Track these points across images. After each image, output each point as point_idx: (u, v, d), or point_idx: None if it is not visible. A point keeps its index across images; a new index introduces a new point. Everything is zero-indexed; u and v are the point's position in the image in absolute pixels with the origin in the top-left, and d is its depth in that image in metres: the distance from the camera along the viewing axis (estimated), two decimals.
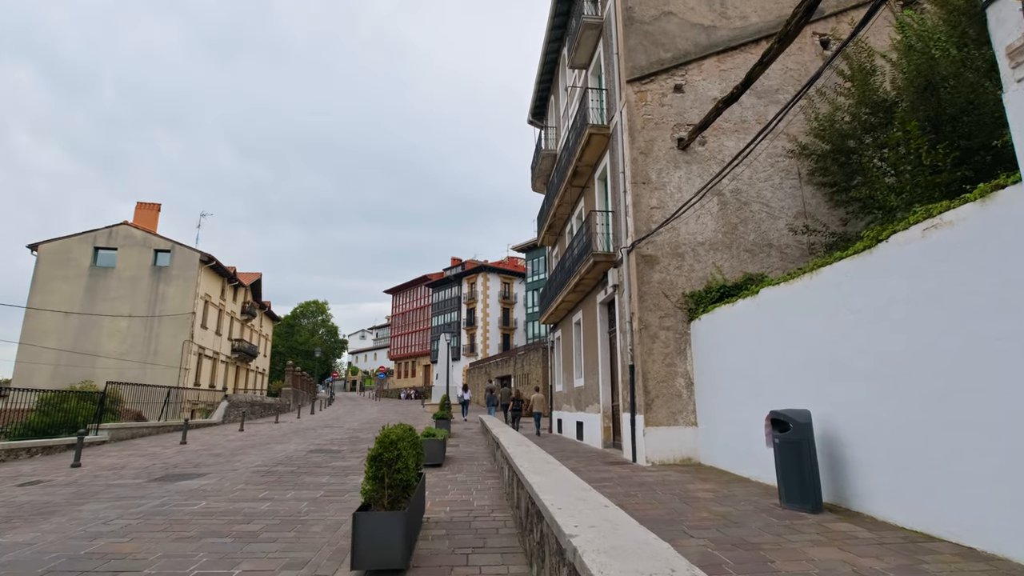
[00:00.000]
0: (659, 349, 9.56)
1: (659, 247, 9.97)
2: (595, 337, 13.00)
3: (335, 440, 14.48)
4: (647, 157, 10.35)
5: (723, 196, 10.29)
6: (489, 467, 9.50)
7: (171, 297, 29.91)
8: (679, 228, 10.07)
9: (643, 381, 9.38)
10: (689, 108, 10.69)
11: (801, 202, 10.41)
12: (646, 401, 9.30)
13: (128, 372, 28.22)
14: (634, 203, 10.13)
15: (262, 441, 14.40)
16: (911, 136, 6.18)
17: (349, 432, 17.25)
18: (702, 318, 9.20)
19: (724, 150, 10.54)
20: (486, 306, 52.65)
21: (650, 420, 9.22)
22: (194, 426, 18.54)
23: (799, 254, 10.17)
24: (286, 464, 9.97)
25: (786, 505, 5.72)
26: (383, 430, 4.86)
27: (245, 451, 12.13)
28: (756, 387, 7.48)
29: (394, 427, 5.21)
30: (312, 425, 20.57)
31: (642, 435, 9.21)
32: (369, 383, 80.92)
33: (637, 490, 6.93)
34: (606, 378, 12.28)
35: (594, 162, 13.13)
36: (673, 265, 9.93)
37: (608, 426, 12.10)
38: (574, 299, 14.77)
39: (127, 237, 30.12)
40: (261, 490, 7.49)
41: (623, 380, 10.54)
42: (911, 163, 6.32)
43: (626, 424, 10.13)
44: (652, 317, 9.68)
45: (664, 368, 9.49)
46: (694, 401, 9.39)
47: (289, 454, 11.48)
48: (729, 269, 9.94)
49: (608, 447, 11.97)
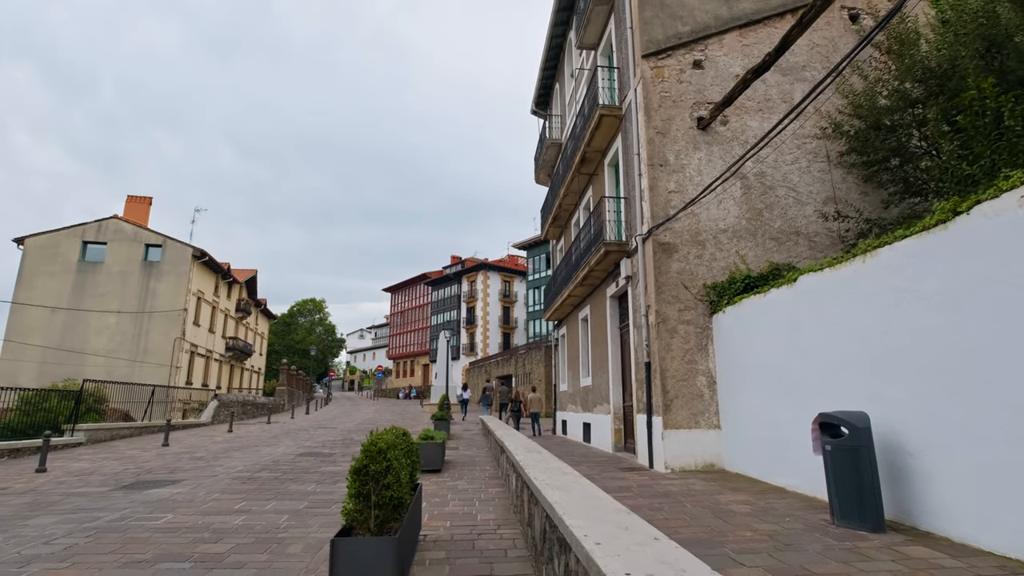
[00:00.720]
0: (678, 345, 8.76)
1: (678, 234, 9.18)
2: (604, 333, 12.20)
3: (327, 442, 13.67)
4: (664, 137, 9.56)
5: (747, 180, 9.50)
6: (492, 473, 8.71)
7: (162, 293, 29.07)
8: (699, 214, 9.28)
9: (661, 380, 8.59)
10: (709, 85, 9.89)
11: (830, 186, 9.62)
12: (664, 402, 8.50)
13: (117, 370, 27.38)
14: (650, 187, 9.33)
15: (250, 443, 13.59)
16: (987, 95, 5.39)
17: (343, 433, 16.45)
18: (726, 311, 8.41)
19: (747, 130, 9.76)
20: (486, 304, 51.84)
21: (669, 422, 8.42)
22: (180, 427, 17.72)
23: (828, 243, 9.38)
24: (271, 469, 9.16)
25: (840, 523, 4.93)
26: (371, 436, 4.06)
27: (229, 454, 11.31)
28: (792, 385, 6.69)
29: (384, 432, 4.41)
30: (305, 426, 19.76)
31: (660, 439, 8.41)
32: (368, 383, 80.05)
33: (662, 502, 6.13)
34: (616, 377, 11.49)
35: (604, 147, 12.34)
36: (693, 254, 9.14)
37: (619, 428, 11.30)
38: (581, 293, 13.97)
39: (117, 231, 29.27)
40: (238, 500, 6.68)
41: (637, 379, 9.75)
42: (986, 127, 5.52)
43: (641, 426, 9.34)
44: (670, 310, 8.88)
45: (684, 365, 8.69)
46: (716, 401, 8.60)
47: (276, 457, 10.67)
48: (753, 258, 9.15)
49: (619, 451, 11.17)
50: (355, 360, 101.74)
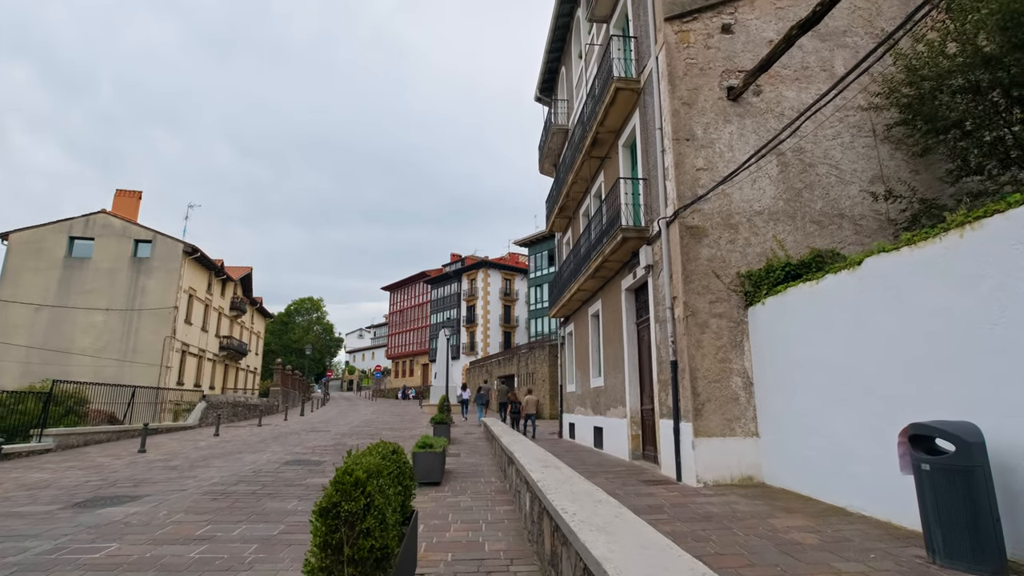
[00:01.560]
0: (710, 341, 7.74)
1: (708, 217, 8.15)
2: (619, 330, 11.18)
3: (318, 447, 12.64)
4: (691, 109, 8.53)
5: (784, 156, 8.47)
6: (499, 487, 7.68)
7: (152, 290, 28.03)
8: (731, 194, 8.26)
9: (690, 381, 7.56)
10: (740, 52, 8.87)
11: (876, 164, 8.60)
12: (695, 406, 7.47)
13: (105, 370, 26.36)
14: (676, 163, 8.31)
15: (234, 449, 12.56)
16: None
17: (336, 437, 15.42)
18: (766, 302, 7.38)
19: (783, 101, 8.74)
20: (486, 303, 50.80)
21: (700, 429, 7.40)
22: (164, 430, 16.70)
23: (876, 226, 8.36)
24: (250, 481, 8.14)
25: (945, 563, 3.91)
26: (347, 459, 3.04)
27: (209, 462, 10.29)
28: (854, 388, 5.67)
29: (367, 451, 3.40)
30: (298, 428, 18.73)
31: (690, 448, 7.39)
32: (367, 382, 79.03)
33: (707, 529, 5.11)
34: (633, 377, 10.47)
35: (618, 126, 11.31)
36: (725, 238, 8.11)
37: (636, 434, 10.27)
38: (592, 287, 12.95)
39: (105, 226, 28.22)
40: (202, 523, 5.66)
41: (660, 380, 8.73)
42: None
43: (665, 433, 8.32)
44: (700, 302, 7.86)
45: (716, 364, 7.67)
46: (754, 406, 7.58)
47: (259, 466, 9.64)
48: (792, 244, 8.13)
49: (637, 458, 10.15)
50: (354, 360, 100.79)
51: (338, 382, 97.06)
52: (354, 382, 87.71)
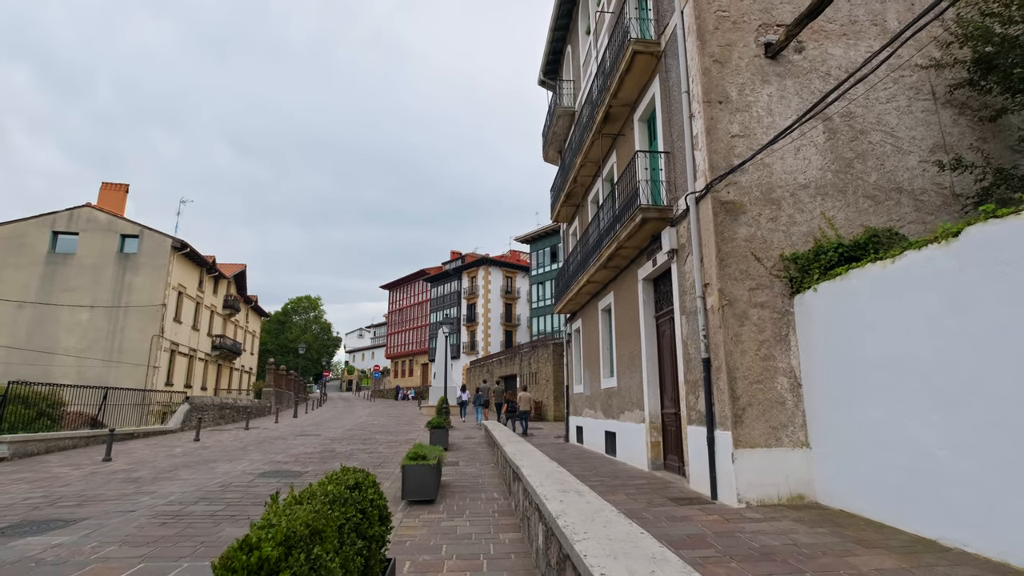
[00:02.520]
0: (750, 335, 6.60)
1: (745, 190, 7.01)
2: (635, 324, 10.04)
3: (302, 455, 11.51)
4: (723, 68, 7.39)
5: (831, 122, 7.33)
6: (503, 505, 6.55)
7: (139, 287, 26.90)
8: (772, 165, 7.12)
9: (728, 382, 6.42)
10: (778, 3, 7.73)
11: (938, 130, 7.45)
12: (734, 411, 6.33)
13: (90, 371, 25.26)
14: (707, 130, 7.17)
15: (210, 456, 11.44)
16: None
17: (325, 442, 14.29)
18: (819, 288, 6.24)
19: (829, 59, 7.60)
20: (487, 301, 49.66)
21: (741, 439, 6.26)
22: (140, 435, 15.58)
23: (940, 202, 7.22)
24: (214, 498, 7.01)
25: None
26: (267, 512, 1.91)
27: (176, 473, 9.16)
28: (949, 389, 4.53)
29: (311, 491, 2.29)
30: (287, 432, 17.61)
31: (729, 461, 6.24)
32: (366, 383, 77.92)
33: (768, 570, 3.97)
34: (652, 378, 9.33)
35: (634, 98, 10.17)
36: (765, 216, 6.98)
37: (657, 441, 9.14)
38: (603, 278, 11.81)
39: (90, 220, 27.10)
40: (135, 560, 4.53)
41: (687, 380, 7.59)
42: None
43: (695, 442, 7.18)
44: (739, 289, 6.72)
45: (758, 362, 6.53)
46: (803, 410, 6.44)
47: (231, 479, 8.52)
48: (843, 222, 7.00)
49: (658, 468, 9.01)
50: (354, 360, 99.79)
51: (337, 382, 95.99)
52: (353, 382, 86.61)
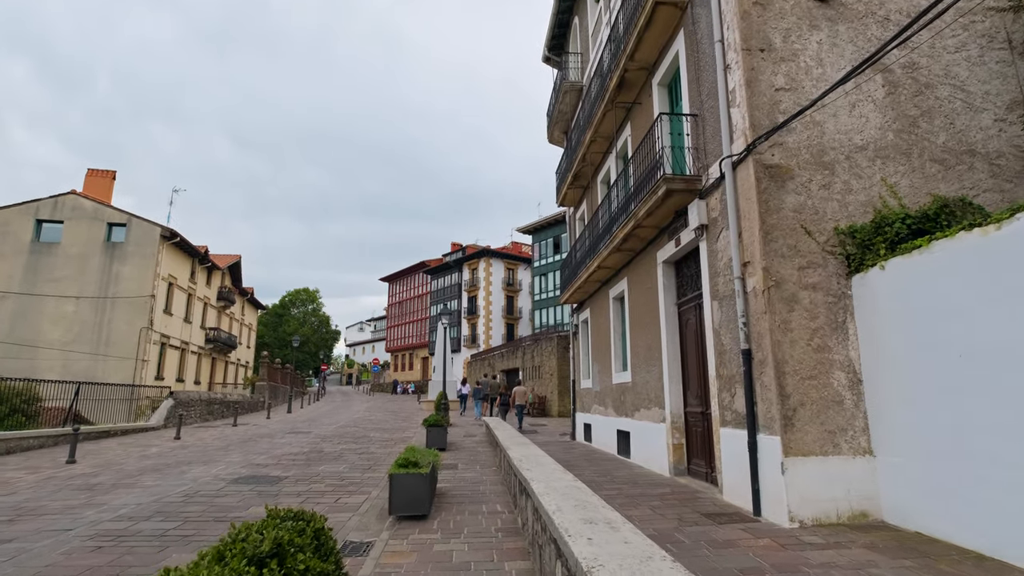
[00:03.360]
0: (800, 322, 5.58)
1: (793, 152, 5.97)
2: (653, 313, 9.03)
3: (287, 456, 10.53)
4: (766, 11, 6.33)
5: (891, 74, 6.27)
6: (508, 521, 5.56)
7: (127, 278, 25.90)
8: (824, 123, 6.08)
9: (775, 377, 5.41)
10: None
11: (1015, 84, 6.39)
12: (783, 411, 5.32)
13: (76, 365, 24.30)
14: (748, 82, 6.12)
15: (186, 457, 10.46)
16: None
17: (315, 441, 13.32)
18: (888, 265, 5.21)
19: (887, 2, 6.52)
20: (488, 294, 48.64)
21: (792, 445, 5.25)
22: (118, 432, 14.62)
23: (1021, 167, 6.17)
24: (171, 513, 6.03)
25: None
26: None
27: (140, 478, 8.18)
28: None
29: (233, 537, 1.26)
30: (277, 429, 16.65)
31: (778, 471, 5.24)
32: (366, 376, 77.06)
33: None
34: (674, 372, 8.32)
35: (653, 60, 9.11)
36: (817, 182, 5.94)
37: (680, 443, 8.13)
38: (616, 263, 10.78)
39: (75, 208, 26.06)
40: None
41: (719, 375, 6.58)
42: None
43: (731, 447, 6.18)
44: (787, 268, 5.69)
45: (811, 354, 5.51)
46: (864, 410, 5.43)
47: (199, 485, 7.54)
48: (908, 189, 5.96)
49: (680, 474, 8.02)
50: (354, 353, 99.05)
51: (337, 376, 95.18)
52: (353, 376, 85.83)
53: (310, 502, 6.55)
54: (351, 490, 7.33)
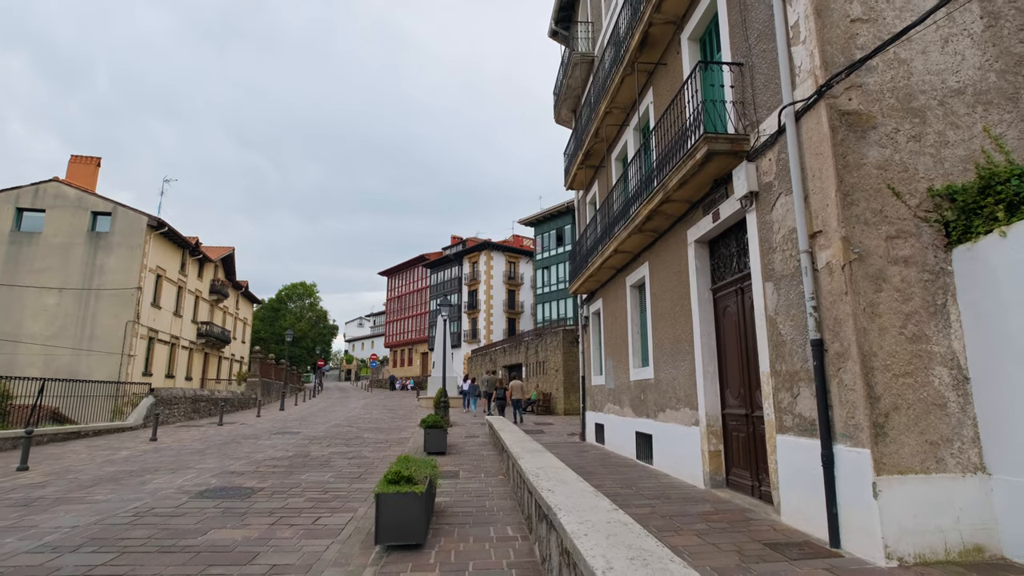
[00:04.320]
0: (890, 305, 4.45)
1: (874, 97, 4.83)
2: (682, 301, 7.91)
3: (268, 461, 9.43)
4: None
5: (991, 3, 5.13)
6: (522, 549, 4.44)
7: (112, 269, 24.76)
8: (911, 62, 4.93)
9: (862, 374, 4.29)
10: None
11: None
12: (872, 417, 4.20)
13: (58, 359, 23.25)
14: (817, 11, 4.97)
15: (154, 463, 9.36)
16: None
17: (302, 443, 12.22)
18: (1010, 232, 4.09)
19: None
20: (489, 287, 47.50)
21: (885, 459, 4.13)
22: (90, 433, 13.51)
23: None
24: (106, 541, 4.92)
25: None
26: None
27: (93, 490, 7.07)
28: None
29: None
30: (264, 429, 15.55)
31: (866, 493, 4.12)
32: (365, 372, 76.00)
33: None
34: (709, 367, 7.21)
35: (683, 12, 7.97)
36: (905, 133, 4.80)
37: (717, 450, 7.02)
38: (635, 246, 9.65)
39: (58, 196, 24.90)
40: None
41: (775, 371, 5.47)
42: None
43: (793, 457, 5.08)
44: (871, 238, 4.56)
45: (904, 345, 4.39)
46: (973, 416, 4.31)
47: (156, 501, 6.43)
48: (1015, 141, 4.83)
49: (718, 486, 6.91)
50: (354, 349, 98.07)
51: (336, 372, 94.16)
52: (352, 372, 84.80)
53: (282, 524, 5.45)
54: (334, 506, 6.23)
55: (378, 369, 62.29)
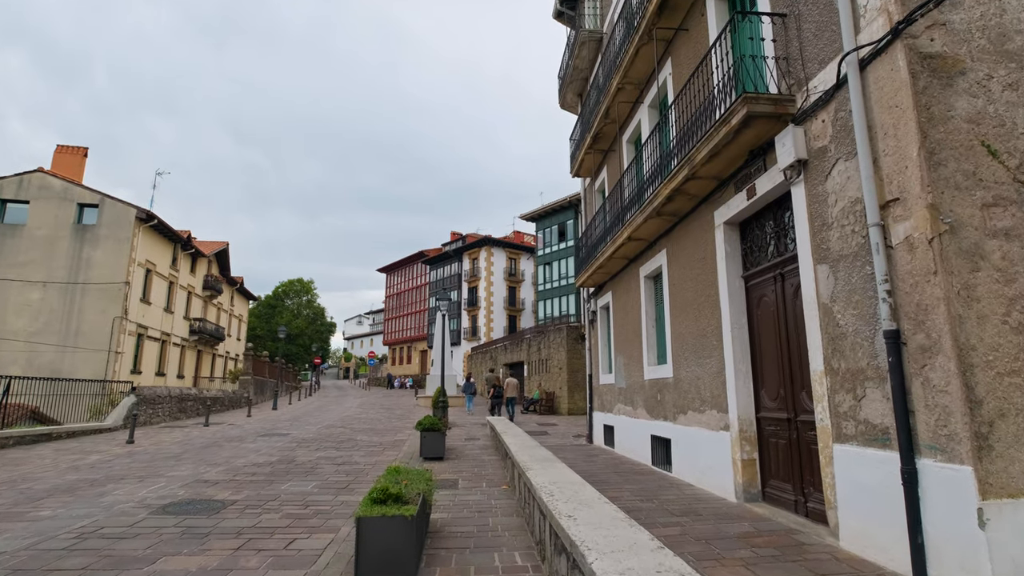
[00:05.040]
0: (990, 287, 3.62)
1: (961, 37, 3.99)
2: (710, 289, 7.08)
3: (248, 468, 8.60)
4: None
5: None
6: None
7: (99, 263, 23.90)
8: None
9: (958, 372, 3.46)
10: None
11: None
12: (974, 427, 3.37)
13: (41, 357, 22.40)
14: None
15: (120, 471, 8.52)
16: None
17: (289, 447, 11.38)
18: None
19: None
20: (490, 284, 46.65)
21: (992, 479, 3.30)
22: (63, 435, 12.67)
23: None
24: (31, 573, 4.07)
25: None
26: None
27: (42, 503, 6.23)
28: None
29: None
30: (252, 430, 14.72)
31: (971, 522, 3.29)
32: (363, 370, 75.18)
33: None
34: (741, 364, 6.37)
35: None
36: (999, 80, 3.96)
37: (751, 458, 6.19)
38: (652, 232, 8.81)
39: (42, 187, 24.02)
40: None
41: (831, 368, 4.63)
42: None
43: (857, 472, 4.24)
44: (964, 205, 3.73)
45: (1009, 337, 3.56)
46: None
47: (107, 518, 5.59)
48: None
49: (753, 500, 6.08)
50: (353, 347, 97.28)
51: (335, 370, 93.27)
52: (351, 370, 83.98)
53: (249, 548, 4.61)
54: (314, 525, 5.40)
55: (376, 367, 61.46)
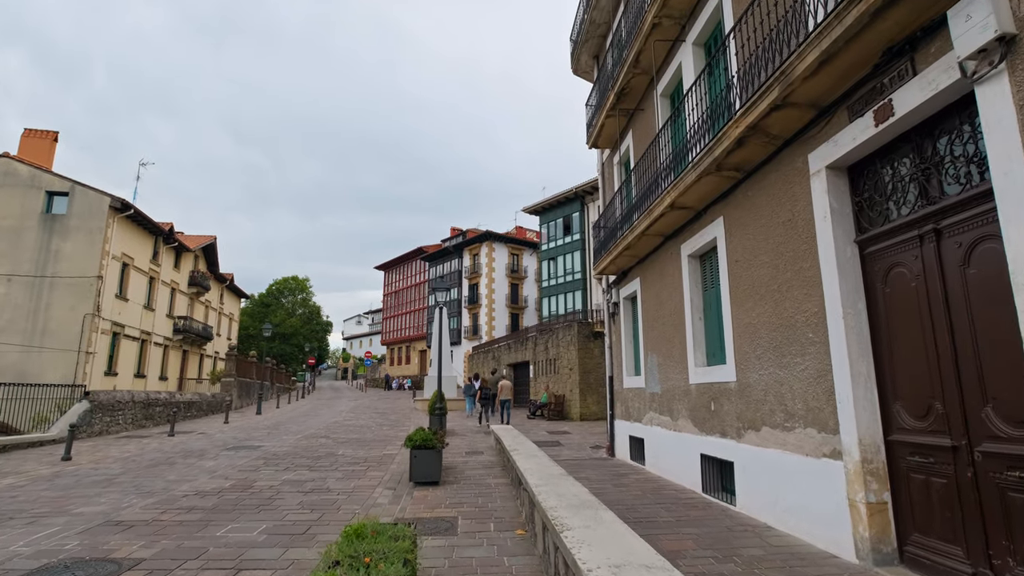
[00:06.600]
0: None
1: None
2: (802, 261, 5.19)
3: (187, 498, 6.70)
4: None
5: None
6: None
7: (69, 255, 22.07)
8: None
9: None
10: None
11: None
12: None
13: (4, 358, 20.52)
14: None
15: (21, 504, 6.62)
16: None
17: (254, 464, 9.49)
18: None
19: None
20: (491, 281, 44.73)
21: None
22: None
23: None
24: None
25: None
26: None
27: None
28: None
29: None
30: (220, 440, 12.83)
31: None
32: (362, 370, 73.29)
33: None
34: (860, 364, 4.48)
35: None
36: None
37: (882, 502, 4.29)
38: (703, 196, 6.90)
39: (8, 174, 22.18)
40: None
41: None
42: None
43: None
44: None
45: None
46: None
47: None
48: None
49: (886, 562, 4.18)
50: (351, 347, 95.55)
51: (333, 370, 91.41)
52: (349, 370, 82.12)
53: None
54: None
55: (374, 367, 59.57)
